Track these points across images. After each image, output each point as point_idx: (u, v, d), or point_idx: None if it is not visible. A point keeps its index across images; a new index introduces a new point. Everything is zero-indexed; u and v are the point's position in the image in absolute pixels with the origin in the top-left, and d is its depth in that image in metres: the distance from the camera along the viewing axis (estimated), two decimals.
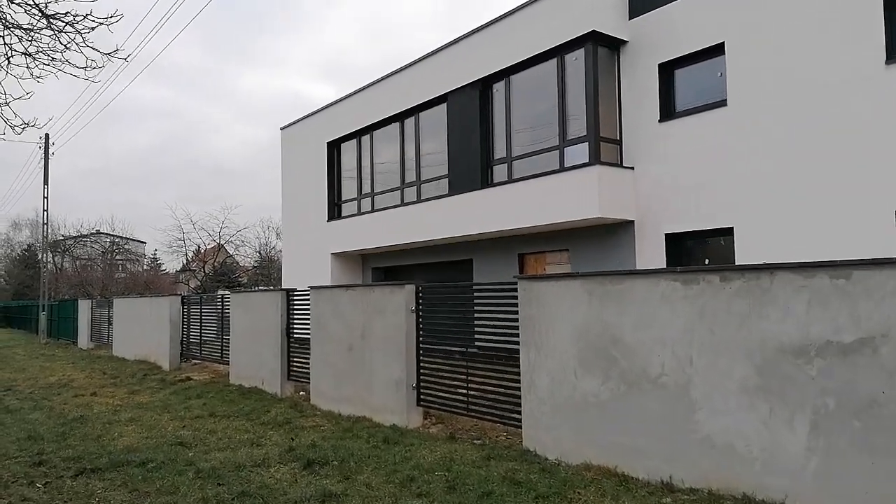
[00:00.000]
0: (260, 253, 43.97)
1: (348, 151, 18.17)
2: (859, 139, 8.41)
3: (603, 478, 4.90)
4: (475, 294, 7.12)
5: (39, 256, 49.94)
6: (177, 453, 6.27)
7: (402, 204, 15.68)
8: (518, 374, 6.07)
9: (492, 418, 6.47)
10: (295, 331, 10.16)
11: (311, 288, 9.43)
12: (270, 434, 7.09)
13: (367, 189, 17.33)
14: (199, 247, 41.26)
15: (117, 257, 44.86)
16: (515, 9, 12.42)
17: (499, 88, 13.21)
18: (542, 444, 5.69)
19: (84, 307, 21.49)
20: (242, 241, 42.02)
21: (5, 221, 75.76)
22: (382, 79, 16.45)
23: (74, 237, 45.73)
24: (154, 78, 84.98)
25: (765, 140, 9.42)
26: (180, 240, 39.45)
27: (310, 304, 9.48)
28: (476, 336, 6.94)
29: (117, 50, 5.52)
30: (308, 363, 9.46)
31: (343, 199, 18.35)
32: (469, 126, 13.62)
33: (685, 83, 10.80)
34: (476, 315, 7.04)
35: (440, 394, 7.16)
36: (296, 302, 10.17)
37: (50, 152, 23.74)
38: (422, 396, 7.40)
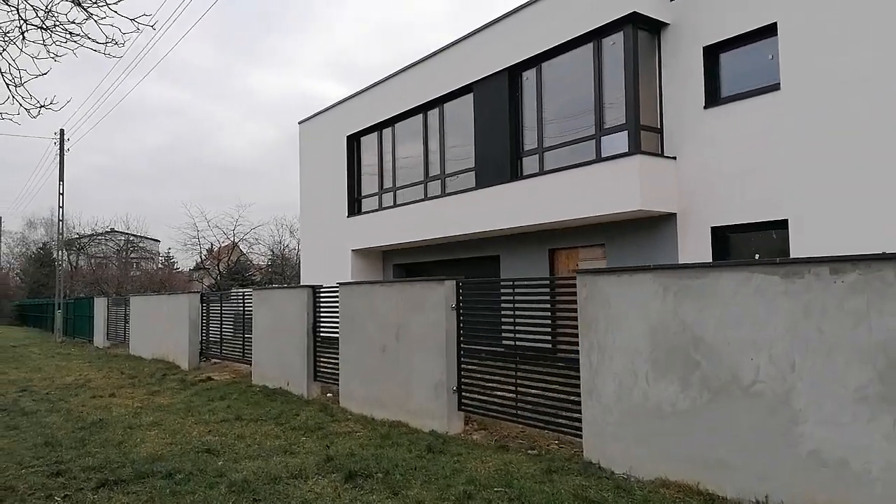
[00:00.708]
0: (273, 251, 43.64)
1: (369, 145, 17.68)
2: None
3: (686, 496, 4.36)
4: (525, 289, 6.57)
5: (54, 255, 50.07)
6: (205, 462, 5.80)
7: (426, 198, 15.16)
8: (576, 377, 5.54)
9: (545, 425, 5.93)
10: (322, 329, 9.68)
11: (340, 284, 8.94)
12: (303, 440, 6.60)
13: (388, 184, 16.83)
14: (212, 245, 41.03)
15: (132, 255, 44.75)
16: None
17: (529, 76, 12.64)
18: (607, 455, 5.14)
19: (100, 305, 21.20)
20: (256, 240, 41.73)
21: (20, 220, 76.20)
22: (404, 69, 15.93)
23: (89, 235, 45.69)
24: (163, 77, 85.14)
25: (824, 126, 8.79)
26: (195, 237, 39.24)
27: (338, 301, 8.99)
28: (523, 335, 6.40)
29: (143, 15, 5.03)
30: (336, 364, 8.98)
31: (363, 194, 17.86)
32: (497, 116, 13.07)
33: (732, 67, 10.18)
34: (524, 312, 6.49)
35: (484, 398, 6.64)
36: (322, 299, 9.69)
37: (65, 148, 23.53)
38: (463, 400, 6.88)
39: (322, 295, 9.70)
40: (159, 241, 51.35)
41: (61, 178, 23.24)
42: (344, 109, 18.41)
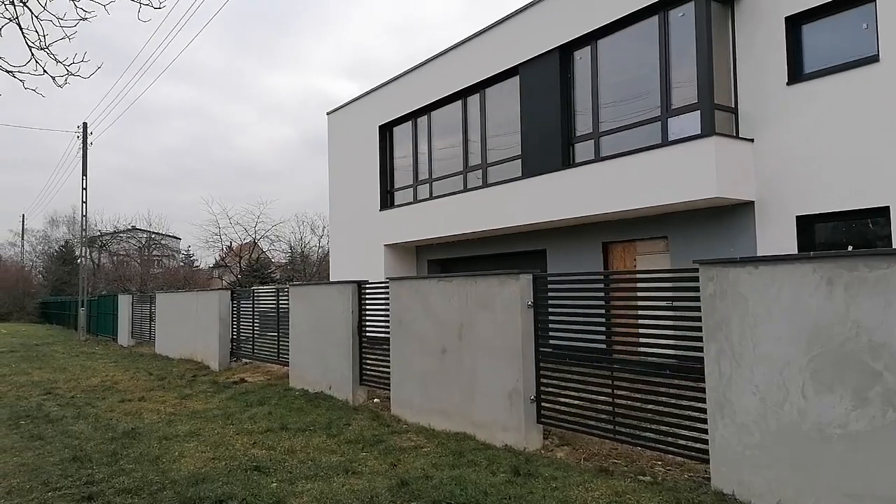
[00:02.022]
0: (292, 248, 42.97)
1: (402, 135, 16.85)
2: None
3: None
4: (627, 284, 5.69)
5: (77, 252, 50.09)
6: (257, 485, 5.00)
7: (465, 190, 14.30)
8: (697, 388, 4.65)
9: (655, 445, 5.03)
10: (368, 329, 8.88)
11: (391, 279, 8.12)
12: (363, 457, 5.78)
13: (423, 175, 16.00)
14: (231, 242, 40.53)
15: (154, 253, 44.50)
16: None
17: (582, 55, 11.71)
18: (745, 485, 4.25)
19: (125, 302, 20.65)
20: (277, 237, 41.15)
21: (43, 218, 76.72)
22: (441, 54, 15.07)
23: (111, 233, 45.54)
24: (178, 78, 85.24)
25: None
26: (216, 234, 38.79)
27: (387, 299, 8.18)
28: (620, 338, 5.51)
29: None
30: (386, 367, 8.17)
31: (396, 186, 17.04)
32: (546, 100, 12.16)
33: (819, 39, 9.17)
34: (619, 311, 5.61)
35: (570, 409, 5.77)
36: (368, 295, 8.88)
37: (88, 142, 23.03)
38: (544, 412, 6.02)
39: (368, 291, 8.90)
40: (180, 239, 51.18)
41: (84, 173, 22.75)
42: (375, 98, 17.60)
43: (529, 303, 6.12)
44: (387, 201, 17.13)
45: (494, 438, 6.24)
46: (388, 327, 8.22)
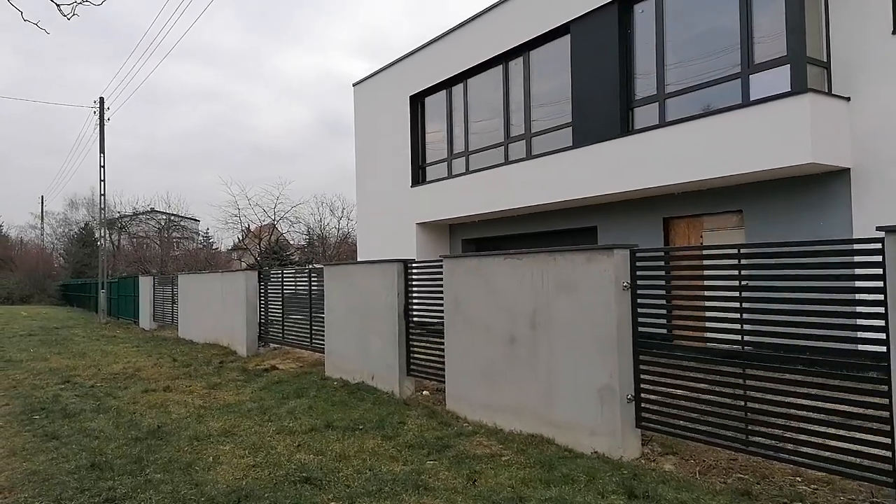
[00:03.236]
0: (310, 231, 42.08)
1: (436, 105, 15.76)
2: None
3: None
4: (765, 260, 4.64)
5: (96, 234, 49.87)
6: (311, 503, 4.11)
7: (507, 162, 13.24)
8: (882, 393, 3.64)
9: (814, 463, 3.99)
10: (415, 313, 7.95)
11: (445, 257, 7.14)
12: (431, 466, 4.86)
13: (459, 148, 14.94)
14: (249, 224, 39.79)
15: (174, 235, 44.02)
16: None
17: (645, 9, 10.52)
18: None
19: (146, 284, 19.97)
20: (297, 219, 40.34)
21: (62, 201, 76.86)
22: (478, 16, 13.91)
23: (130, 215, 45.12)
24: (191, 59, 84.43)
25: None
26: (235, 216, 38.08)
27: (439, 279, 7.23)
28: (756, 328, 4.48)
29: None
30: (438, 357, 7.25)
31: (429, 161, 16.01)
32: (602, 60, 11.01)
33: None
34: (755, 294, 4.57)
35: (681, 413, 4.78)
36: (416, 275, 7.94)
37: (105, 118, 22.24)
38: (644, 414, 5.04)
39: (416, 271, 7.95)
40: (199, 221, 50.66)
41: (102, 150, 21.95)
42: (405, 67, 16.50)
43: (626, 284, 5.12)
44: (418, 177, 16.12)
45: (580, 443, 5.29)
46: (439, 312, 7.28)
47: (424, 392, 7.89)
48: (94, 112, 22.41)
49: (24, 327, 20.76)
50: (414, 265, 7.99)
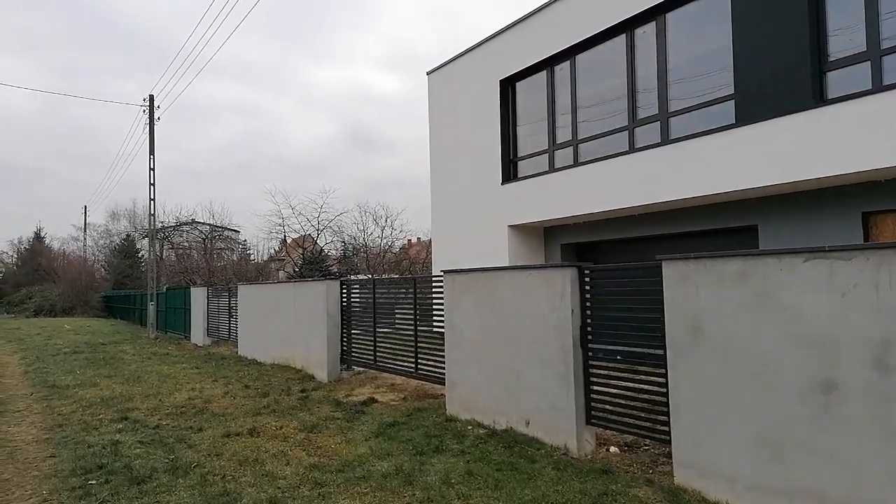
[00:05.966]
0: (345, 243, 40.19)
1: (532, 89, 13.65)
2: None
3: None
4: None
5: (138, 246, 49.09)
6: None
7: (633, 150, 11.02)
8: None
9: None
10: (592, 337, 5.78)
11: (669, 258, 4.95)
12: None
13: (564, 137, 12.77)
14: (284, 236, 38.21)
15: (217, 245, 42.81)
16: None
17: None
18: None
19: (198, 296, 18.23)
20: (340, 228, 38.61)
21: (104, 213, 77.16)
22: None
23: (174, 225, 44.15)
24: (220, 76, 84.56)
25: None
26: (279, 225, 36.57)
27: (652, 291, 5.06)
28: None
29: None
30: (645, 401, 5.06)
31: (522, 154, 13.89)
32: (781, 15, 8.76)
33: None
34: None
35: None
36: (599, 285, 5.77)
37: (155, 116, 20.78)
38: None
39: (599, 278, 5.78)
40: (239, 231, 49.50)
41: (152, 151, 20.43)
42: (493, 48, 14.44)
43: None
44: (510, 173, 14.01)
45: None
46: (648, 338, 5.11)
47: (612, 448, 5.69)
48: (144, 111, 20.98)
49: (69, 343, 19.22)
50: (597, 271, 5.82)
